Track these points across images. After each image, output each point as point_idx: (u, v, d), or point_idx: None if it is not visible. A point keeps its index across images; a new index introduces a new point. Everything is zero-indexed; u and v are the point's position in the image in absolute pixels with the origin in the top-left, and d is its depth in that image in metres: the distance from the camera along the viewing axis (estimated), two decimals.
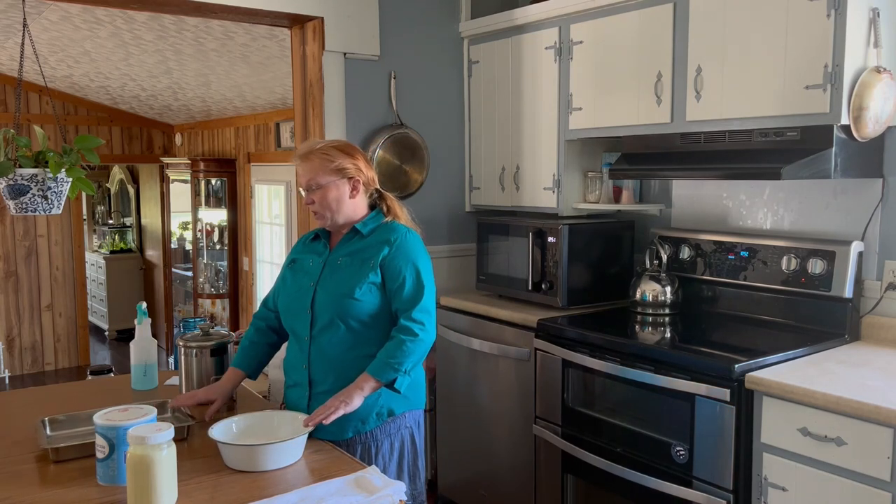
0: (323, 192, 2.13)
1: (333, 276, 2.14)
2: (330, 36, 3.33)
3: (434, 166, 3.71)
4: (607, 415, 2.73)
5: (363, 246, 2.15)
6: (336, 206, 2.14)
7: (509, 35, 3.51)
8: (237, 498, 1.63)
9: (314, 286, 2.14)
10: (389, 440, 2.14)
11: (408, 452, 2.19)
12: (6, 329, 7.06)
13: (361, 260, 2.13)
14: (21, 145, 2.44)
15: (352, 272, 2.12)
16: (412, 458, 2.20)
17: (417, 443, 2.22)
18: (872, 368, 2.33)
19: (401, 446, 2.17)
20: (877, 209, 2.66)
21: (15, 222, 7.04)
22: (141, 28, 4.54)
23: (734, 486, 2.32)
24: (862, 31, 2.38)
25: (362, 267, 2.11)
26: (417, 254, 2.14)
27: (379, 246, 2.13)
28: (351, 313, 2.09)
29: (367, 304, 2.09)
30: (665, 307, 3.06)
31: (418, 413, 2.23)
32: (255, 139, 6.41)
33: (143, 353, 2.43)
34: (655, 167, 2.95)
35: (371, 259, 2.11)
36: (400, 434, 2.16)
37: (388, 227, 2.18)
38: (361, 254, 2.14)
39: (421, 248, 2.17)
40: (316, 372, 2.12)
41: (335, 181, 2.13)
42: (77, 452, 1.86)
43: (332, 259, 2.18)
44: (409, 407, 2.18)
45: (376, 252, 2.12)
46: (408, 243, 2.14)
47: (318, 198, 2.13)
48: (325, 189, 2.13)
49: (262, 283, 6.49)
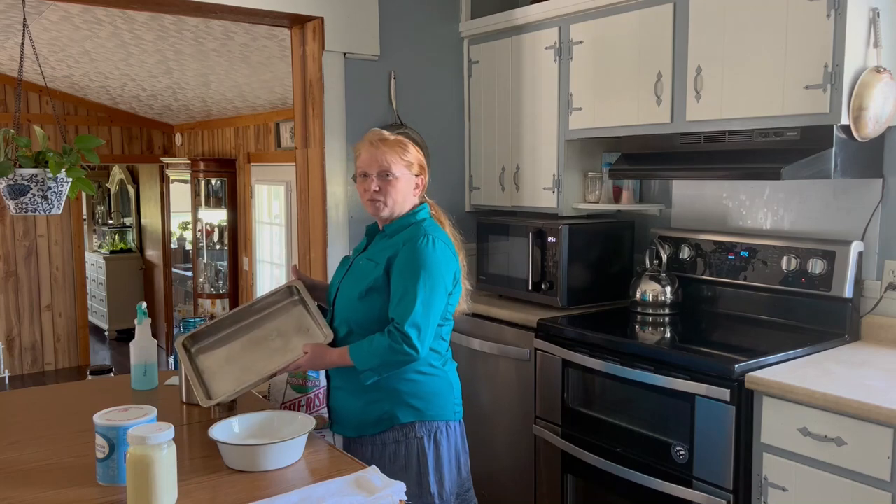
0: (394, 182, 2.09)
1: (352, 276, 2.13)
2: (330, 36, 3.33)
3: (434, 166, 3.70)
4: (607, 415, 2.73)
5: (382, 247, 2.12)
6: (401, 199, 2.11)
7: (509, 35, 3.51)
8: (237, 498, 1.63)
9: (339, 284, 2.17)
10: (395, 447, 2.08)
11: (415, 464, 2.08)
12: (6, 329, 7.06)
13: (375, 263, 2.09)
14: (21, 145, 2.44)
15: (363, 275, 2.09)
16: (421, 470, 2.09)
17: (429, 456, 2.09)
18: (872, 368, 2.33)
19: (407, 455, 2.08)
20: (877, 209, 2.66)
21: (15, 222, 7.04)
22: (141, 28, 4.54)
23: (734, 486, 2.32)
24: (862, 31, 2.38)
25: (373, 269, 2.08)
26: (424, 260, 2.02)
27: (393, 248, 2.07)
28: (358, 317, 2.07)
29: (373, 309, 2.05)
30: (665, 307, 3.06)
31: (434, 426, 2.11)
32: (255, 139, 6.41)
33: (143, 353, 2.42)
34: (655, 167, 2.95)
35: (382, 262, 2.07)
36: (406, 443, 2.08)
37: (414, 228, 2.10)
38: (378, 255, 2.10)
39: (432, 256, 2.03)
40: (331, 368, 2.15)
41: (406, 174, 2.11)
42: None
43: (358, 259, 2.18)
44: (418, 417, 2.08)
45: (387, 254, 2.07)
46: (422, 248, 2.02)
47: (388, 186, 2.09)
48: (396, 180, 2.09)
49: (261, 283, 6.49)
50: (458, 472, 2.16)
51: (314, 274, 3.44)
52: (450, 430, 2.14)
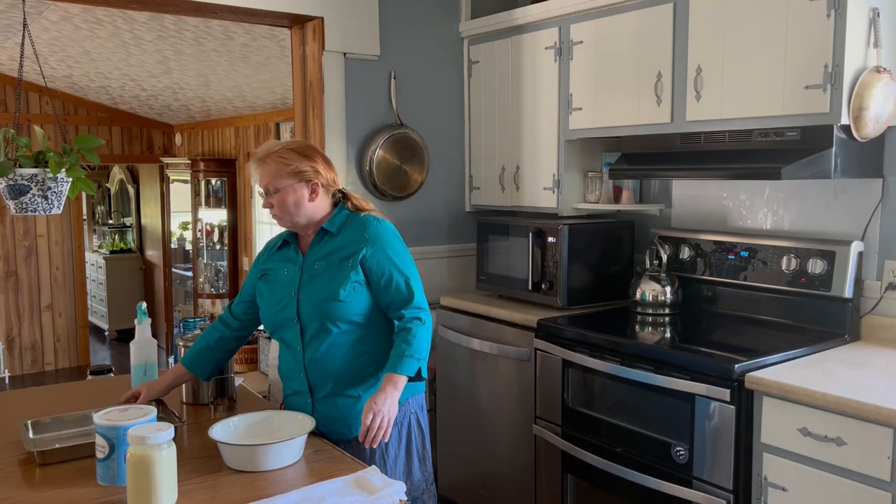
0: (281, 196, 2.08)
1: (314, 282, 2.10)
2: (330, 36, 3.33)
3: (434, 166, 3.71)
4: (607, 415, 2.73)
5: (337, 245, 2.12)
6: (295, 210, 2.10)
7: (509, 35, 3.51)
8: (237, 498, 1.63)
9: (296, 296, 2.11)
10: (398, 429, 2.14)
11: (415, 437, 2.20)
12: (6, 329, 7.06)
13: (339, 260, 2.09)
14: (21, 145, 2.44)
15: (331, 274, 2.08)
16: (420, 441, 2.21)
17: (423, 425, 2.23)
18: (872, 368, 2.33)
19: (408, 432, 2.17)
20: (877, 209, 2.66)
21: (15, 222, 7.04)
22: (141, 28, 4.54)
23: (734, 486, 2.32)
24: (862, 31, 2.37)
25: (342, 267, 2.08)
26: (394, 244, 2.13)
27: (355, 244, 2.10)
28: (339, 316, 2.06)
29: (354, 304, 2.07)
30: (665, 307, 3.06)
31: (420, 397, 2.23)
32: (255, 139, 6.41)
33: (143, 353, 2.42)
34: (655, 167, 2.95)
35: (349, 258, 2.08)
36: (407, 420, 2.17)
37: (357, 222, 2.14)
38: (337, 253, 2.11)
39: (395, 236, 2.15)
40: (314, 379, 2.11)
41: (293, 185, 2.08)
42: (63, 456, 1.85)
43: (307, 264, 2.13)
44: (411, 393, 2.17)
45: (354, 250, 2.09)
46: (382, 235, 2.11)
47: (276, 201, 2.09)
48: (283, 192, 2.08)
49: None
50: None
51: None
52: (423, 400, 2.26)
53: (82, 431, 2.03)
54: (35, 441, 1.97)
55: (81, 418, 2.08)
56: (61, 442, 1.94)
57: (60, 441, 1.96)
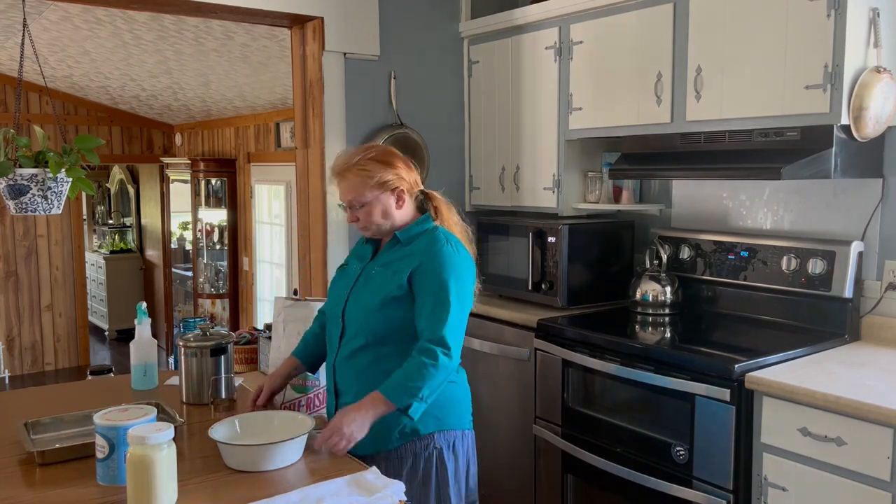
0: (368, 209, 2.00)
1: (365, 286, 2.04)
2: (330, 36, 3.33)
3: (434, 166, 3.71)
4: (607, 415, 2.73)
5: (401, 255, 2.03)
6: (384, 220, 2.02)
7: (509, 35, 3.51)
8: (237, 498, 1.63)
9: (348, 295, 2.06)
10: (413, 460, 2.01)
11: (435, 475, 2.01)
12: (6, 329, 7.06)
13: (394, 271, 2.00)
14: (21, 145, 2.44)
15: (381, 284, 2.01)
16: (440, 481, 2.02)
17: (448, 466, 2.03)
18: (872, 368, 2.33)
19: (426, 467, 2.01)
20: (877, 209, 2.66)
21: (15, 222, 7.04)
22: (141, 28, 4.54)
23: (734, 487, 2.32)
24: (862, 31, 2.38)
25: (392, 279, 1.99)
26: (452, 268, 1.96)
27: (415, 257, 1.98)
28: (376, 327, 1.99)
29: (392, 319, 1.98)
30: (665, 307, 3.06)
31: (452, 435, 2.04)
32: (255, 139, 6.42)
33: (143, 353, 2.42)
34: (655, 167, 2.95)
35: (403, 271, 1.99)
36: (426, 454, 2.01)
37: (429, 236, 2.02)
38: (396, 264, 2.01)
39: (458, 262, 1.98)
40: (341, 381, 2.05)
41: (378, 196, 2.00)
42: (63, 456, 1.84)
43: (369, 268, 2.07)
44: (438, 427, 2.01)
45: (409, 263, 1.99)
46: (443, 256, 1.96)
47: (362, 215, 2.01)
48: (370, 206, 2.00)
49: (261, 283, 6.50)
50: (468, 483, 2.11)
51: (315, 274, 3.45)
52: (465, 439, 2.10)
53: (82, 431, 2.03)
54: (35, 441, 1.96)
55: (81, 418, 2.08)
56: (61, 442, 1.94)
57: (60, 441, 1.96)
